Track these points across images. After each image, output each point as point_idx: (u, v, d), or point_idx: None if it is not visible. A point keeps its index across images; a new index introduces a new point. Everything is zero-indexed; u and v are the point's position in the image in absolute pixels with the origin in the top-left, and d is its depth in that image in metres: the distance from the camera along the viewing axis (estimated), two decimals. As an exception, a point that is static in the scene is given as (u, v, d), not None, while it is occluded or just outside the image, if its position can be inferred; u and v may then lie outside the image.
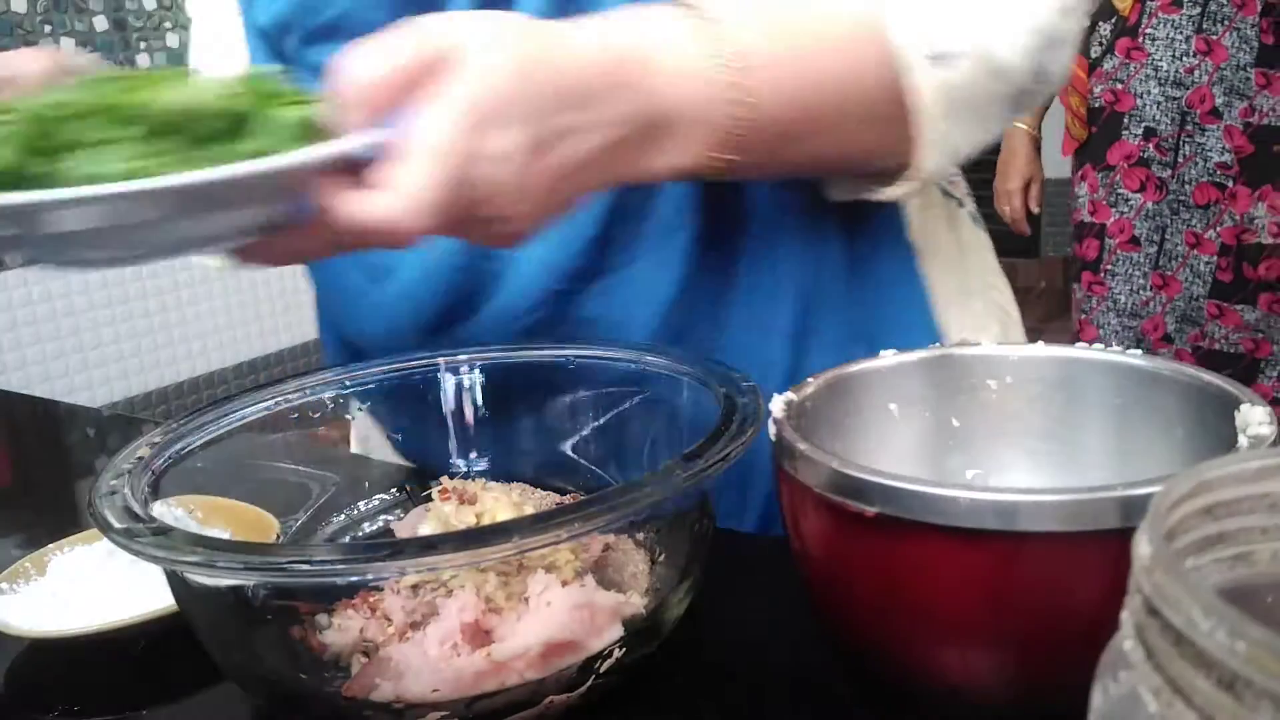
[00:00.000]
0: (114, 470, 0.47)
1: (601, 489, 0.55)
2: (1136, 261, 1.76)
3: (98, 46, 2.37)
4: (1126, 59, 1.69)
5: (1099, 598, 0.33)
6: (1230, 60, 1.63)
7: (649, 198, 0.64)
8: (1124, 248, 1.76)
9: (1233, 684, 0.18)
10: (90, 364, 2.44)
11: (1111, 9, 1.70)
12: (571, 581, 0.47)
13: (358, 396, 0.62)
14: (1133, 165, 1.73)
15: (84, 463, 0.96)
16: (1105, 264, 1.79)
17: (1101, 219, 1.78)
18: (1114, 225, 1.76)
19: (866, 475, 0.38)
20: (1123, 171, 1.73)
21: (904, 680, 0.42)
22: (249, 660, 0.44)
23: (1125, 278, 1.77)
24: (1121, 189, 1.74)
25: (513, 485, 0.60)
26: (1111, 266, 1.78)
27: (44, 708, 0.52)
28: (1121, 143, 1.73)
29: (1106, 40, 1.71)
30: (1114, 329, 1.80)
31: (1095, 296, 1.81)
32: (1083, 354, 0.51)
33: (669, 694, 0.49)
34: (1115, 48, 1.70)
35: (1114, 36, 1.70)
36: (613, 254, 0.65)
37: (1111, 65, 1.71)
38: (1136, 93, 1.70)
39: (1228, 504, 0.23)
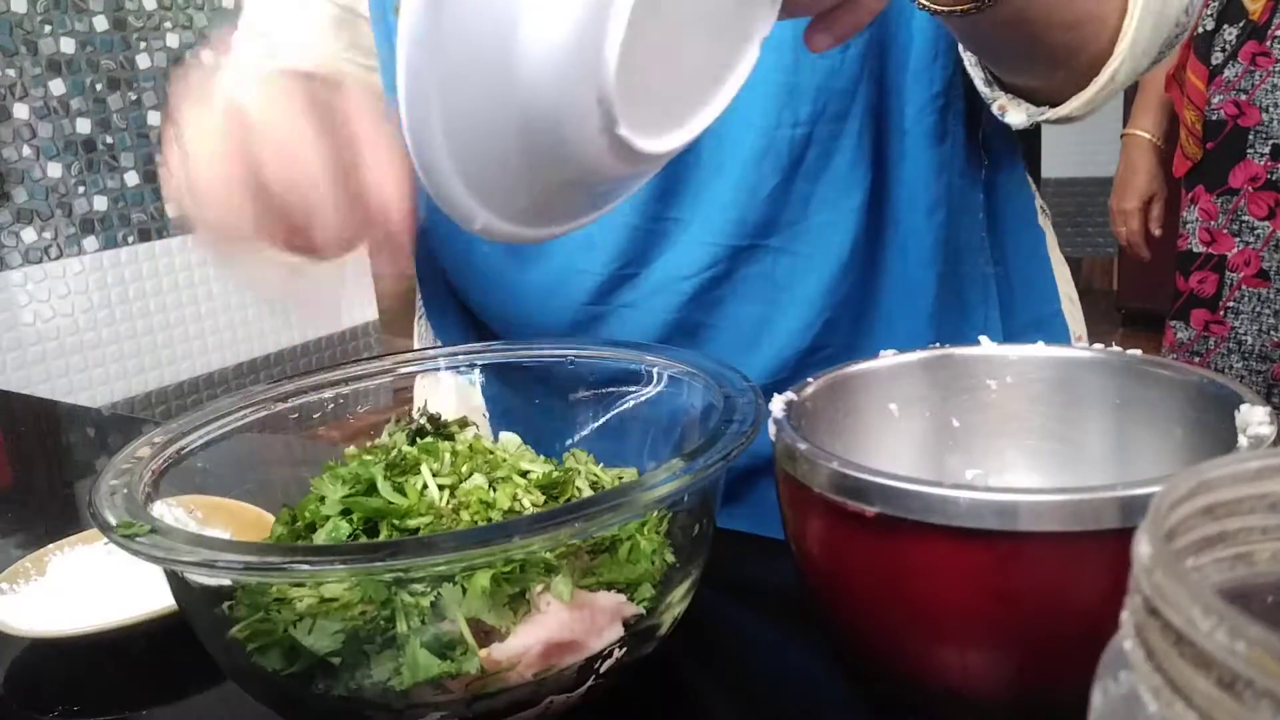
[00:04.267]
0: (114, 470, 0.47)
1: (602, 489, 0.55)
2: (1266, 298, 1.54)
3: (98, 46, 2.37)
4: (1252, 66, 1.45)
5: (1099, 598, 0.33)
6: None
7: (827, 154, 0.65)
8: (1250, 283, 1.54)
9: (1233, 684, 0.18)
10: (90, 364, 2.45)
11: (1240, 11, 1.47)
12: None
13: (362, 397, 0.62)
14: (1259, 189, 1.51)
15: (84, 463, 0.96)
16: (1226, 301, 1.57)
17: (1221, 250, 1.56)
18: (1237, 257, 1.54)
19: (866, 475, 0.38)
20: (1247, 196, 1.51)
21: (904, 680, 0.42)
22: (249, 660, 0.44)
23: (1252, 316, 1.55)
24: (1246, 215, 1.52)
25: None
26: (1234, 304, 1.57)
27: (44, 708, 0.52)
28: (1246, 163, 1.51)
29: (1231, 45, 1.48)
30: (1238, 373, 1.58)
31: (1214, 337, 1.59)
32: (1083, 354, 0.51)
33: (669, 694, 0.49)
34: (1239, 53, 1.46)
35: (1240, 41, 1.46)
36: (791, 209, 0.66)
37: (1234, 73, 1.47)
38: (1263, 105, 1.45)
39: (1228, 504, 0.23)
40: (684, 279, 0.67)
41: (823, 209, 0.66)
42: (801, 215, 0.66)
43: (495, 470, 0.53)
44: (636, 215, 0.66)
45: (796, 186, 0.65)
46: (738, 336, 0.68)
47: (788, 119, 0.63)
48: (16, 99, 2.24)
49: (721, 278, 0.67)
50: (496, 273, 0.71)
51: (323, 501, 0.50)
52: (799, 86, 0.63)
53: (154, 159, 2.50)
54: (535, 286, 0.70)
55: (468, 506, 0.50)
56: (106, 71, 2.39)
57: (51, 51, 2.29)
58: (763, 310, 0.67)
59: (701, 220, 0.66)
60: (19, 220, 2.28)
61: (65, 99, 2.32)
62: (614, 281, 0.68)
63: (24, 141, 2.26)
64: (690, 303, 0.67)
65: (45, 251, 2.33)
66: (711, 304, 0.67)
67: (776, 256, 0.66)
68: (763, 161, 0.64)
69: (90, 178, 2.38)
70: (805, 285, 0.67)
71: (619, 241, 0.67)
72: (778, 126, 0.64)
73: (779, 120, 0.63)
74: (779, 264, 0.67)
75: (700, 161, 0.65)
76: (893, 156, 0.67)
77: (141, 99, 2.46)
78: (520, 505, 0.51)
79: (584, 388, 0.63)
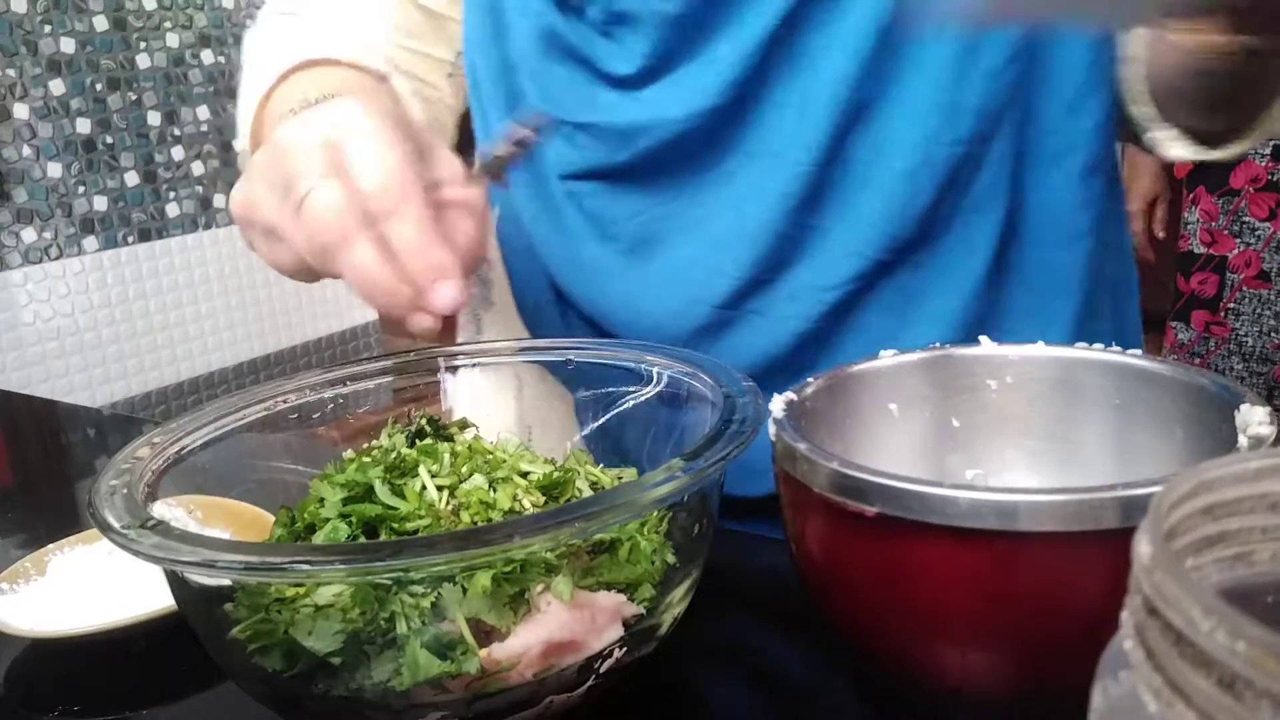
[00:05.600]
0: (114, 470, 0.47)
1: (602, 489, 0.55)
2: (1267, 300, 1.55)
3: (98, 46, 2.37)
4: None
5: (1099, 598, 0.33)
6: None
7: (974, 173, 0.65)
8: (1251, 284, 1.56)
9: (1233, 684, 0.18)
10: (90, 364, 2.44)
11: None
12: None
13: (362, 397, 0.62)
14: (1260, 190, 1.53)
15: (84, 463, 0.96)
16: (1227, 302, 1.58)
17: (1221, 250, 1.57)
18: (1238, 258, 1.56)
19: (866, 475, 0.38)
20: (1248, 197, 1.53)
21: (904, 680, 0.42)
22: (249, 660, 0.44)
23: (1253, 318, 1.57)
24: (1247, 216, 1.54)
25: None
26: (1235, 305, 1.58)
27: (44, 708, 0.52)
28: (1247, 164, 1.53)
29: None
30: (1238, 375, 1.59)
31: (1214, 338, 1.60)
32: (1083, 354, 0.51)
33: (669, 694, 0.49)
34: None
35: None
36: (936, 225, 0.65)
37: None
38: None
39: (1228, 504, 0.23)
40: (827, 289, 0.66)
41: (962, 227, 0.66)
42: (944, 231, 0.66)
43: (495, 471, 0.53)
44: (781, 220, 0.65)
45: (944, 204, 0.65)
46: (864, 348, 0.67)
47: (947, 136, 0.63)
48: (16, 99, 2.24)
49: (864, 290, 0.66)
50: (610, 270, 0.70)
51: (322, 503, 0.50)
52: (960, 105, 0.63)
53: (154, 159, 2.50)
54: (656, 285, 0.69)
55: (468, 507, 0.50)
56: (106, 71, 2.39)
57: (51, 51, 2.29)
58: (892, 324, 0.67)
59: (847, 231, 0.65)
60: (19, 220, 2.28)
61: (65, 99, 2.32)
62: (749, 286, 0.67)
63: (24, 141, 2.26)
64: (829, 314, 0.66)
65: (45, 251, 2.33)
66: (846, 315, 0.67)
67: (915, 270, 0.66)
68: (918, 177, 0.64)
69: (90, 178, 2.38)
70: (936, 301, 0.66)
71: (759, 245, 0.66)
72: (935, 144, 0.63)
73: (938, 137, 0.63)
74: (914, 278, 0.66)
75: (849, 171, 0.65)
76: (1030, 183, 0.66)
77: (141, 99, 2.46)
78: (520, 506, 0.51)
79: (584, 388, 0.63)
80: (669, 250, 0.69)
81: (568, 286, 0.73)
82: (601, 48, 0.66)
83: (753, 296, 0.67)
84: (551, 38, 0.68)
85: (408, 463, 0.53)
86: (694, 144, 0.66)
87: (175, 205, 2.56)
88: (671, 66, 0.65)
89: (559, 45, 0.68)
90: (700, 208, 0.67)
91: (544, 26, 0.68)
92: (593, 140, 0.68)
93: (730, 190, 0.66)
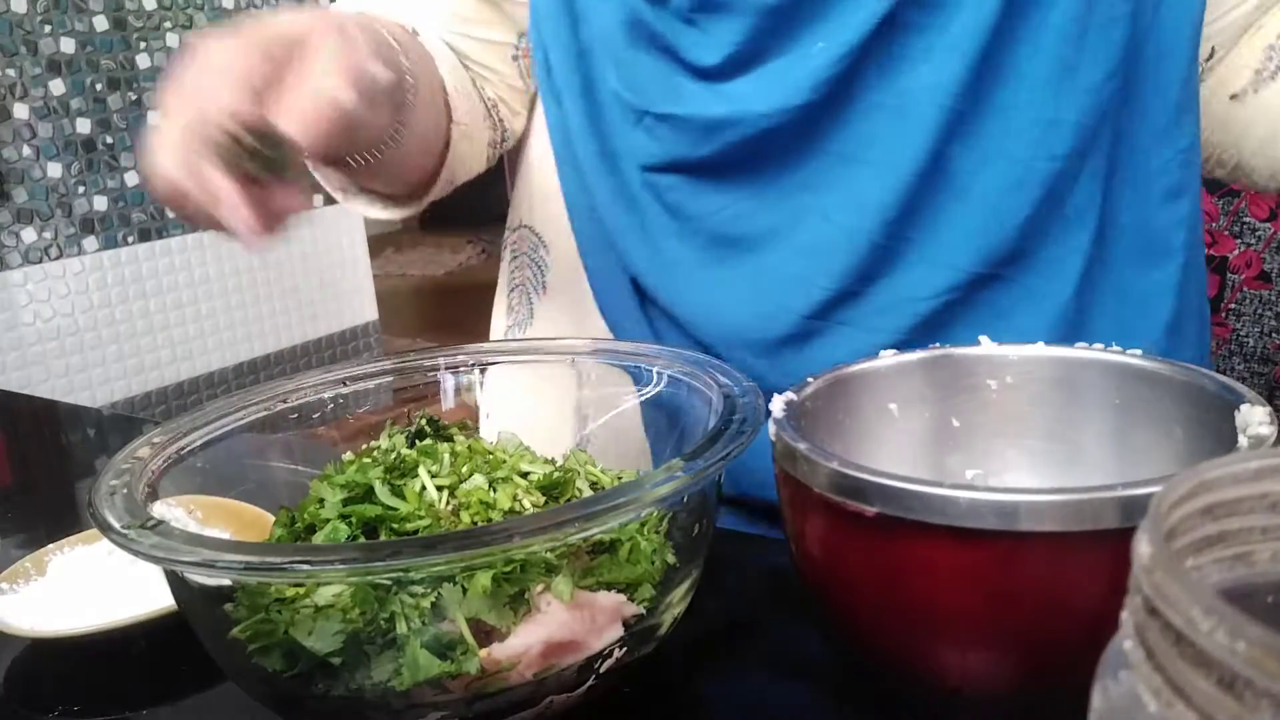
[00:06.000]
0: (114, 470, 0.47)
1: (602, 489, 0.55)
2: (1267, 300, 1.54)
3: (98, 46, 2.37)
4: None
5: (1099, 598, 0.34)
6: None
7: (1070, 190, 0.64)
8: (1251, 284, 1.55)
9: (1233, 684, 0.18)
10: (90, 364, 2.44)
11: None
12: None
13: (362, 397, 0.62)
14: None
15: (84, 463, 0.96)
16: (1228, 303, 1.57)
17: (1222, 251, 1.55)
18: (1238, 259, 1.55)
19: (866, 475, 0.38)
20: (1248, 197, 1.52)
21: (904, 680, 0.42)
22: (249, 660, 0.44)
23: (1254, 319, 1.55)
24: (1247, 217, 1.53)
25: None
26: (1236, 306, 1.57)
27: (44, 708, 0.52)
28: None
29: None
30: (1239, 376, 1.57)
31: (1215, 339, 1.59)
32: (1083, 354, 0.51)
33: (669, 694, 0.49)
34: None
35: None
36: (1031, 240, 0.65)
37: None
38: None
39: (1228, 504, 0.23)
40: (920, 300, 0.65)
41: (1053, 243, 0.65)
42: (1037, 248, 0.65)
43: (495, 471, 0.53)
44: (879, 230, 0.64)
45: (1040, 218, 0.64)
46: None
47: (1045, 152, 0.63)
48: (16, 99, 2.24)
49: (956, 303, 0.65)
50: (689, 267, 0.69)
51: (321, 504, 0.50)
52: (1059, 120, 0.62)
53: (154, 159, 2.50)
54: (739, 287, 0.68)
55: (468, 507, 0.50)
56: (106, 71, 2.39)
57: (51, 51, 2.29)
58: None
59: (942, 243, 0.64)
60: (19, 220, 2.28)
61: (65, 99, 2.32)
62: (840, 296, 0.66)
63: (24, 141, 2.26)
64: (918, 326, 0.65)
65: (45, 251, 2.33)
66: (936, 328, 0.66)
67: (1005, 286, 0.65)
68: (1018, 192, 0.63)
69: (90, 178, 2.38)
70: (1025, 317, 0.65)
71: (853, 254, 0.65)
72: (1035, 158, 0.63)
73: (1036, 152, 0.63)
74: (1005, 294, 0.65)
75: (946, 184, 0.64)
76: (1121, 202, 0.66)
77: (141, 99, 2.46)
78: (520, 506, 0.51)
79: (584, 388, 0.63)
80: (753, 253, 0.67)
81: (646, 282, 0.71)
82: (687, 36, 0.65)
83: (843, 307, 0.66)
84: (636, 24, 0.67)
85: (408, 463, 0.53)
86: (781, 142, 0.65)
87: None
88: (760, 60, 0.64)
89: (643, 32, 0.67)
90: (785, 210, 0.66)
91: (628, 12, 0.67)
92: (673, 132, 0.67)
93: (819, 194, 0.65)
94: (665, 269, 0.70)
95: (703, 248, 0.68)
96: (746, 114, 0.64)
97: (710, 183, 0.67)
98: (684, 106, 0.66)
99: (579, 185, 0.73)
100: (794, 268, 0.66)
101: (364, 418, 0.62)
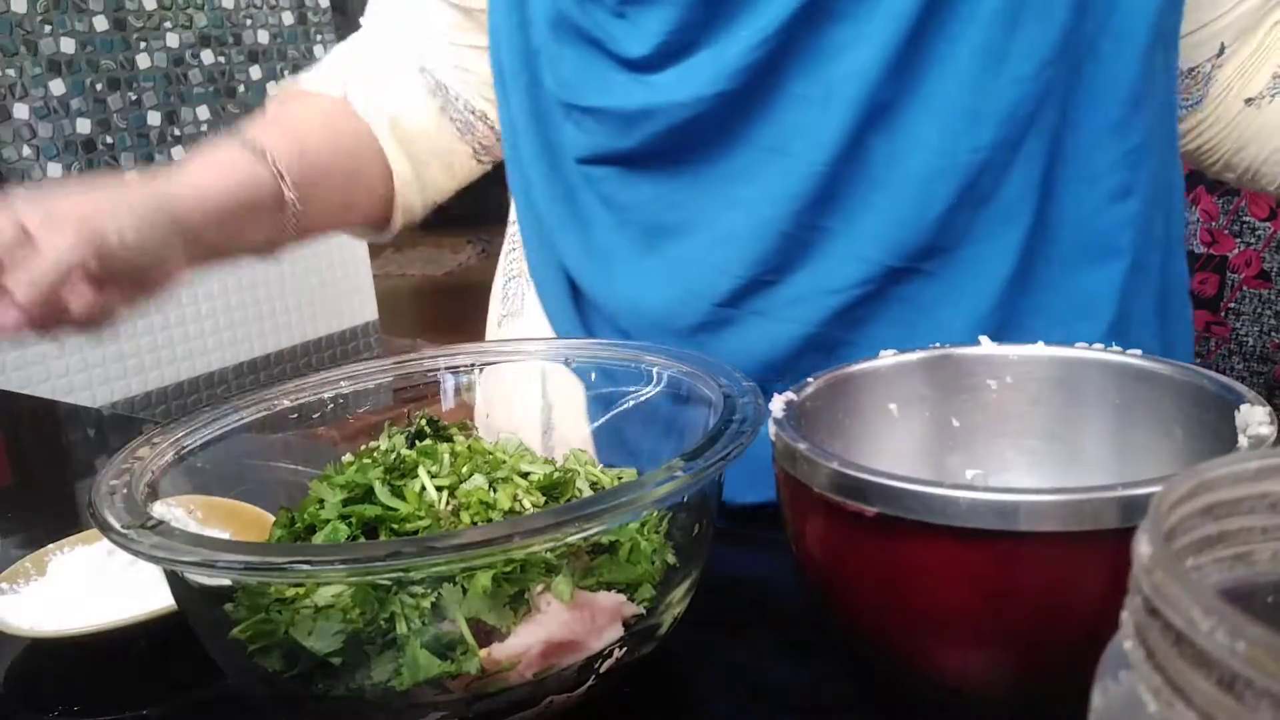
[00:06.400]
0: (114, 470, 0.47)
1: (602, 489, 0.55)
2: (1267, 299, 1.54)
3: (98, 46, 2.37)
4: None
5: (1099, 598, 0.34)
6: None
7: (997, 183, 0.63)
8: (1251, 283, 1.54)
9: (1233, 684, 0.18)
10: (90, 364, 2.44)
11: None
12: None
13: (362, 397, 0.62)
14: None
15: (84, 463, 0.96)
16: (1227, 302, 1.57)
17: (1222, 250, 1.56)
18: (1238, 258, 1.55)
19: (866, 475, 0.38)
20: (1248, 196, 1.52)
21: (904, 680, 0.42)
22: (249, 660, 0.44)
23: (1253, 318, 1.55)
24: (1247, 216, 1.53)
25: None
26: (1235, 305, 1.56)
27: (44, 708, 0.52)
28: None
29: None
30: (1239, 375, 1.56)
31: (1215, 338, 1.59)
32: (1083, 354, 0.51)
33: (669, 694, 0.49)
34: None
35: None
36: (952, 234, 0.63)
37: None
38: None
39: (1228, 504, 0.23)
40: (832, 293, 0.64)
41: (981, 239, 0.63)
42: (960, 242, 0.63)
43: (495, 471, 0.53)
44: (789, 220, 0.63)
45: (962, 213, 0.63)
46: None
47: (966, 143, 0.61)
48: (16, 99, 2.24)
49: (871, 296, 0.64)
50: (621, 258, 0.69)
51: (321, 505, 0.50)
52: (983, 111, 0.61)
53: (154, 159, 2.50)
54: (659, 279, 0.68)
55: (468, 508, 0.50)
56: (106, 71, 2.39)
57: (51, 51, 2.29)
58: (900, 334, 0.64)
59: (857, 234, 0.63)
60: (19, 220, 2.28)
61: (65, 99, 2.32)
62: (752, 286, 0.65)
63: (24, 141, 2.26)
64: (832, 319, 0.64)
65: (45, 251, 2.33)
66: (852, 322, 0.65)
67: (927, 281, 0.64)
68: (936, 183, 0.62)
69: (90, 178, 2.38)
70: (948, 314, 0.64)
71: (763, 243, 0.64)
72: (956, 150, 0.61)
73: (958, 143, 0.61)
74: (926, 289, 0.64)
75: (865, 174, 0.63)
76: (1064, 198, 0.64)
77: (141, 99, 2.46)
78: (521, 506, 0.51)
79: (584, 388, 0.63)
80: (676, 242, 0.67)
81: (578, 274, 0.72)
82: (618, 29, 0.65)
83: (755, 296, 0.66)
84: (561, 20, 0.67)
85: (407, 464, 0.53)
86: (706, 133, 0.65)
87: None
88: (688, 51, 0.64)
89: (570, 27, 0.67)
90: (713, 202, 0.66)
91: (555, 9, 0.67)
92: (599, 124, 0.67)
93: (745, 186, 0.65)
94: (598, 261, 0.70)
95: (635, 239, 0.69)
96: (666, 104, 0.64)
97: (641, 174, 0.68)
98: (608, 99, 0.66)
99: (522, 181, 0.75)
100: (711, 257, 0.66)
101: (364, 418, 0.62)
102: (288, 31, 2.71)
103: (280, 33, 2.69)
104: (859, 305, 0.64)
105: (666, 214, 0.67)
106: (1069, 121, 0.63)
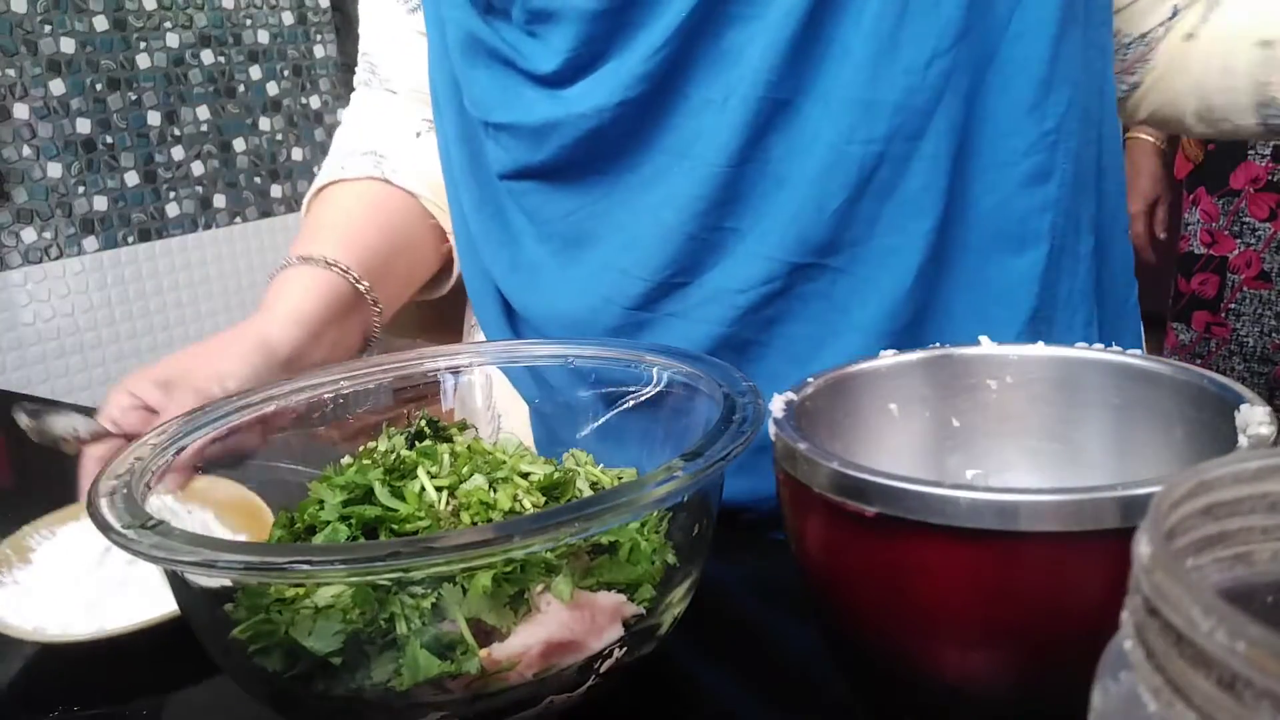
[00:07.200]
0: (113, 470, 0.47)
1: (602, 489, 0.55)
2: (1267, 300, 1.55)
3: (98, 46, 2.37)
4: None
5: (1099, 598, 0.33)
6: None
7: (899, 174, 0.62)
8: (1251, 284, 1.55)
9: (1233, 684, 0.18)
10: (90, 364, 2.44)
11: None
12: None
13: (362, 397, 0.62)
14: (1260, 190, 1.52)
15: (84, 463, 0.95)
16: (1228, 302, 1.58)
17: (1222, 251, 1.57)
18: (1238, 259, 1.55)
19: (866, 475, 0.38)
20: (1248, 197, 1.52)
21: (904, 680, 0.42)
22: (249, 660, 0.44)
23: (1254, 319, 1.56)
24: (1247, 217, 1.53)
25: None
26: (1236, 305, 1.57)
27: (44, 708, 0.52)
28: (1247, 164, 1.52)
29: None
30: (1239, 375, 1.59)
31: (1215, 339, 1.60)
32: (1083, 354, 0.51)
33: (669, 694, 0.49)
34: None
35: None
36: (855, 228, 0.63)
37: None
38: None
39: (1228, 504, 0.23)
40: (738, 292, 0.64)
41: (889, 231, 0.63)
42: (866, 236, 0.63)
43: (495, 471, 0.53)
44: (691, 222, 0.64)
45: (864, 206, 0.62)
46: (789, 357, 0.65)
47: (860, 135, 0.61)
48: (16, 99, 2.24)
49: (777, 294, 0.64)
50: (544, 270, 0.70)
51: (321, 506, 0.50)
52: (876, 102, 0.60)
53: (154, 159, 2.50)
54: (578, 287, 0.68)
55: (468, 508, 0.50)
56: (106, 71, 2.39)
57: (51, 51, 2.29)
58: (817, 332, 0.65)
59: (760, 233, 0.63)
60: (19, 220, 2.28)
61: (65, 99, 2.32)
62: (662, 289, 0.66)
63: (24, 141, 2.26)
64: (742, 318, 0.65)
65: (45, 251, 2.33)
66: (764, 321, 0.65)
67: (836, 277, 0.64)
68: (830, 177, 0.61)
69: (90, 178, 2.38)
70: (864, 310, 0.64)
71: (669, 247, 0.65)
72: (849, 142, 0.61)
73: (851, 136, 0.61)
74: (838, 285, 0.64)
75: (765, 172, 0.63)
76: (977, 188, 0.63)
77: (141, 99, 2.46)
78: (521, 506, 0.51)
79: (584, 388, 0.63)
80: (592, 251, 0.68)
81: (506, 289, 0.73)
82: (528, 46, 0.66)
83: (668, 299, 0.66)
84: (472, 41, 0.69)
85: (407, 464, 0.53)
86: (612, 142, 0.65)
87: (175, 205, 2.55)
88: (596, 63, 0.64)
89: (481, 49, 0.68)
90: (626, 209, 0.67)
91: (466, 31, 0.69)
92: (513, 140, 0.69)
93: (651, 192, 0.66)
94: (525, 274, 0.72)
95: (558, 250, 0.69)
96: (568, 115, 0.65)
97: (560, 186, 0.69)
98: (518, 114, 0.67)
99: (455, 200, 0.76)
100: (621, 262, 0.67)
101: (364, 418, 0.62)
102: (288, 31, 2.71)
103: (280, 33, 2.69)
104: (768, 303, 0.64)
105: (586, 224, 0.68)
106: (980, 107, 0.63)
